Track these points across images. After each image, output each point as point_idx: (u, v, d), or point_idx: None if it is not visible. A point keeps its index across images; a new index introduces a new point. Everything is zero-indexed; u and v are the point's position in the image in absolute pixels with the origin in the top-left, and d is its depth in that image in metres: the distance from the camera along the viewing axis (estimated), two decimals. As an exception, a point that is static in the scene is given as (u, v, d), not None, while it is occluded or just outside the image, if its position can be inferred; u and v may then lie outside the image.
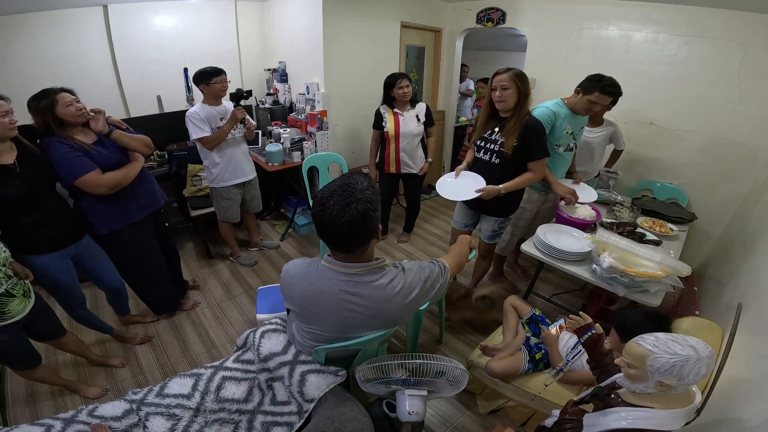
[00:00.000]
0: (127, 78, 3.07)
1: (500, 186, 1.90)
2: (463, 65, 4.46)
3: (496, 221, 2.13)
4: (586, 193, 2.23)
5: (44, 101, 1.55)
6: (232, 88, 2.45)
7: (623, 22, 2.74)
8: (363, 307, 1.12)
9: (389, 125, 2.76)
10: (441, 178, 2.13)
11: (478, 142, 2.02)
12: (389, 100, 2.76)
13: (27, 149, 1.54)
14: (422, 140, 2.92)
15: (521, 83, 1.81)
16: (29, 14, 2.56)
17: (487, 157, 1.98)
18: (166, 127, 2.98)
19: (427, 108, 2.88)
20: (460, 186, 2.01)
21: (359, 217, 0.97)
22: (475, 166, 2.06)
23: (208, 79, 2.27)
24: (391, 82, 2.70)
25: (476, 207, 2.13)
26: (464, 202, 2.10)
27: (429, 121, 2.88)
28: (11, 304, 1.41)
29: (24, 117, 1.66)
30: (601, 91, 1.93)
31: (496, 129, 1.93)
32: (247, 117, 2.49)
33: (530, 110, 1.92)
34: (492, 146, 1.94)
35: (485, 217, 2.17)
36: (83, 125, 1.69)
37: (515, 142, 1.84)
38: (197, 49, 3.28)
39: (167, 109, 3.26)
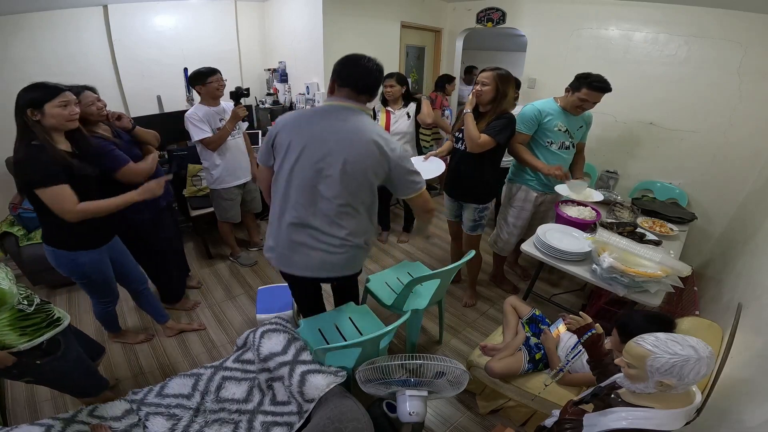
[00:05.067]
0: (127, 78, 3.07)
1: (468, 109, 1.97)
2: (472, 68, 4.39)
3: (475, 209, 2.17)
4: (591, 195, 2.23)
5: None
6: (231, 87, 2.45)
7: (623, 22, 2.74)
8: (346, 126, 1.29)
9: (380, 123, 2.77)
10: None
11: (456, 134, 2.12)
12: (384, 99, 2.79)
13: (78, 142, 1.53)
14: (417, 141, 2.91)
15: (501, 83, 1.89)
16: (29, 14, 2.56)
17: (462, 147, 2.07)
18: (167, 127, 2.97)
19: (417, 104, 2.88)
20: (422, 169, 2.21)
21: (381, 67, 1.34)
22: (454, 155, 2.17)
23: (204, 79, 2.27)
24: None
25: (453, 194, 2.25)
26: (445, 190, 2.30)
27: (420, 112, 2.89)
28: (53, 309, 1.36)
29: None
30: (588, 87, 1.97)
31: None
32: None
33: (506, 108, 1.95)
34: (460, 138, 2.06)
35: (466, 206, 2.21)
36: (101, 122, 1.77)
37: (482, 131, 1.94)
38: (197, 49, 3.28)
39: (167, 109, 3.26)
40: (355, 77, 1.29)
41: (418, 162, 2.28)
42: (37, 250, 2.13)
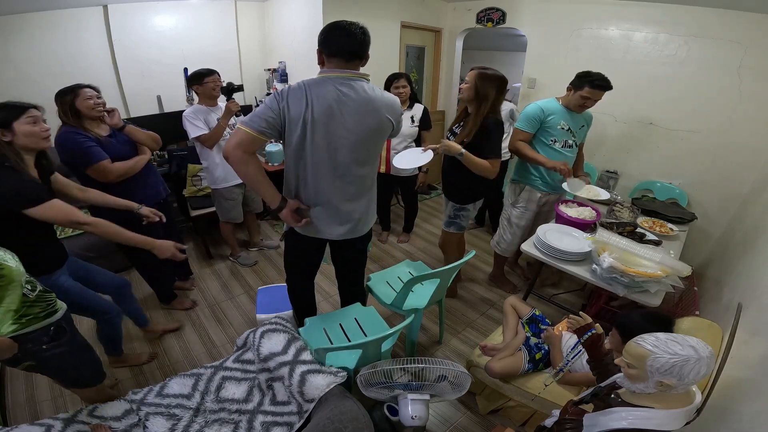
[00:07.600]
0: (127, 78, 3.07)
1: (462, 150, 1.87)
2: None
3: (453, 207, 2.18)
4: (599, 194, 2.23)
5: (68, 95, 1.68)
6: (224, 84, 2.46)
7: (623, 22, 2.74)
8: (354, 98, 1.34)
9: None
10: (401, 153, 2.25)
11: (447, 134, 2.15)
12: None
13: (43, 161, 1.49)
14: (418, 144, 2.87)
15: (480, 83, 1.84)
16: (29, 14, 2.56)
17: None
18: (166, 127, 2.97)
19: (425, 110, 2.83)
20: (413, 158, 2.14)
21: (366, 29, 1.42)
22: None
23: (201, 79, 2.32)
24: (390, 80, 2.75)
25: (443, 190, 2.27)
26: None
27: (425, 124, 2.83)
28: (53, 298, 1.29)
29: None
30: (590, 86, 1.99)
31: (461, 122, 2.02)
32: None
33: (489, 114, 1.88)
34: (453, 138, 2.05)
35: (447, 202, 2.24)
36: (99, 120, 1.81)
37: (467, 139, 1.90)
38: (197, 49, 3.27)
39: (167, 109, 3.26)
40: (340, 45, 1.32)
41: (415, 152, 2.24)
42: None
